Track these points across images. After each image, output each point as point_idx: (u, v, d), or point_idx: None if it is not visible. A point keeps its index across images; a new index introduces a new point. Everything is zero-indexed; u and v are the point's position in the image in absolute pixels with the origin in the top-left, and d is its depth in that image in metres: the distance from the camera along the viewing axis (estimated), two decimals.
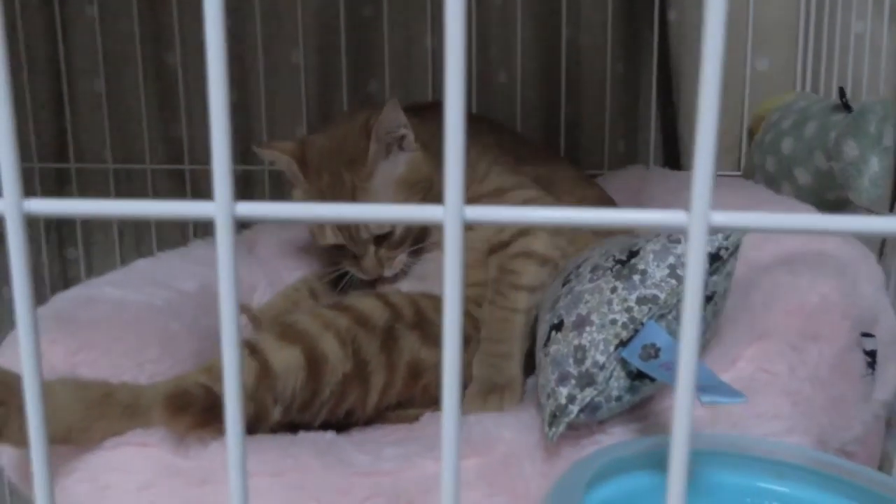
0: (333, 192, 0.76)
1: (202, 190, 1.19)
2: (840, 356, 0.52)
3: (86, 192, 1.20)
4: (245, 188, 1.20)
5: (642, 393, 0.50)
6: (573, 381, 0.49)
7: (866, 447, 0.56)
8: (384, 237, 0.78)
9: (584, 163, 1.11)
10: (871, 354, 0.54)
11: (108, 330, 0.64)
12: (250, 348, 0.60)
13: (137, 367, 0.62)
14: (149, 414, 0.54)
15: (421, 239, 0.80)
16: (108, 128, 1.16)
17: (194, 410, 0.53)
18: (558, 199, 0.83)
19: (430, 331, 0.68)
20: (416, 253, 0.81)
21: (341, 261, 0.82)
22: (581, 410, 0.48)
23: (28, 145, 1.16)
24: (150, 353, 0.63)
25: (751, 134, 1.00)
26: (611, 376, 0.48)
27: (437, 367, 0.66)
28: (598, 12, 1.10)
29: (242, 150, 1.17)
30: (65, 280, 1.23)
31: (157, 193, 1.19)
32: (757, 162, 0.90)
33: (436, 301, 0.72)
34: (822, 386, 0.51)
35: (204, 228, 1.15)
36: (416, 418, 0.65)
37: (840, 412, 0.51)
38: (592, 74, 1.12)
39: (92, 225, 1.22)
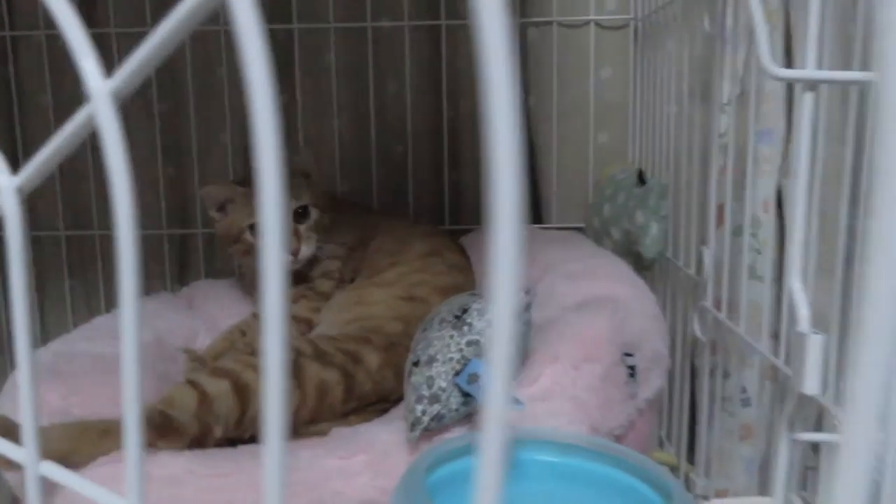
0: None
1: (145, 252, 1.38)
2: (607, 370, 0.77)
3: (37, 256, 1.38)
4: (181, 249, 1.40)
5: (471, 406, 0.74)
6: (426, 400, 0.72)
7: (635, 432, 0.81)
8: (303, 217, 1.07)
9: (465, 219, 1.36)
10: (632, 368, 0.80)
11: (91, 378, 0.85)
12: (191, 383, 0.80)
13: (116, 406, 0.83)
14: (118, 434, 0.75)
15: (326, 235, 1.10)
16: (60, 197, 1.34)
17: (152, 425, 0.73)
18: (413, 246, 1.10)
19: (327, 359, 0.87)
20: (322, 246, 1.10)
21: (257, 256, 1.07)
22: (431, 419, 0.72)
23: None
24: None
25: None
26: (450, 396, 0.72)
27: (338, 387, 0.87)
28: (472, 96, 1.35)
29: (180, 215, 1.38)
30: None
31: (105, 257, 1.38)
32: (588, 219, 1.17)
33: (326, 338, 0.93)
34: (595, 392, 0.76)
35: (146, 287, 1.34)
36: (326, 432, 0.87)
37: (608, 409, 0.76)
38: (471, 146, 1.37)
39: (45, 284, 1.40)
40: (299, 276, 1.14)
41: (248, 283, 1.20)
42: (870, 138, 0.71)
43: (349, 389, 0.88)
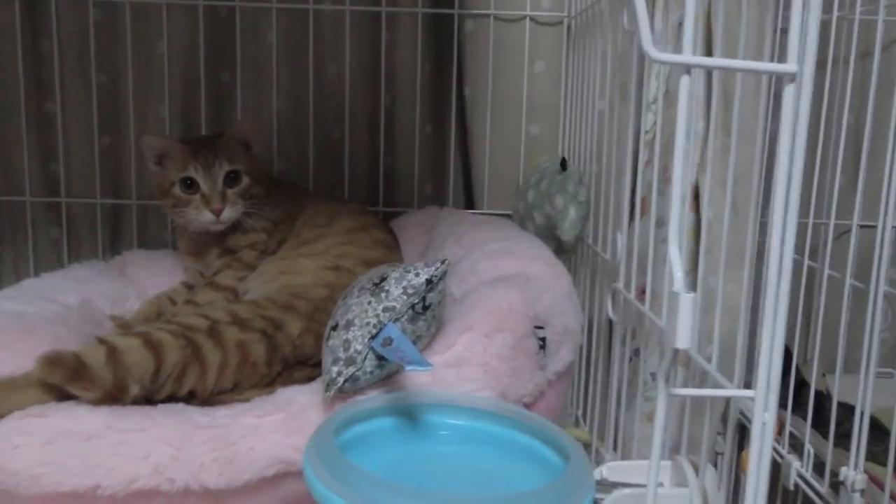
0: (203, 149, 1.11)
1: (76, 219, 1.38)
2: (518, 341, 0.81)
3: None
4: (115, 219, 1.40)
5: (386, 369, 0.77)
6: (342, 362, 0.75)
7: (545, 402, 0.86)
8: (234, 181, 1.11)
9: (398, 202, 1.39)
10: (542, 340, 0.84)
11: (12, 335, 0.86)
12: (100, 340, 0.80)
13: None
14: (27, 388, 0.76)
15: (255, 204, 1.14)
16: None
17: (65, 366, 0.74)
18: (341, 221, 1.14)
19: (246, 325, 0.88)
20: (250, 213, 1.13)
21: (184, 212, 1.11)
22: (345, 381, 0.75)
23: None
24: None
25: None
26: (365, 358, 0.76)
27: (260, 346, 0.88)
28: (410, 84, 1.39)
29: (114, 186, 1.38)
30: None
31: (36, 221, 1.37)
32: (515, 205, 1.22)
33: (247, 304, 0.95)
34: (505, 360, 0.80)
35: (76, 255, 1.34)
36: (249, 400, 0.89)
37: (517, 377, 0.81)
38: (406, 133, 1.39)
39: None
40: (226, 249, 1.16)
41: (184, 240, 1.21)
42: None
43: (271, 350, 0.90)
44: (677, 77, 0.95)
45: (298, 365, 0.95)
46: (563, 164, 1.08)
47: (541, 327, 0.85)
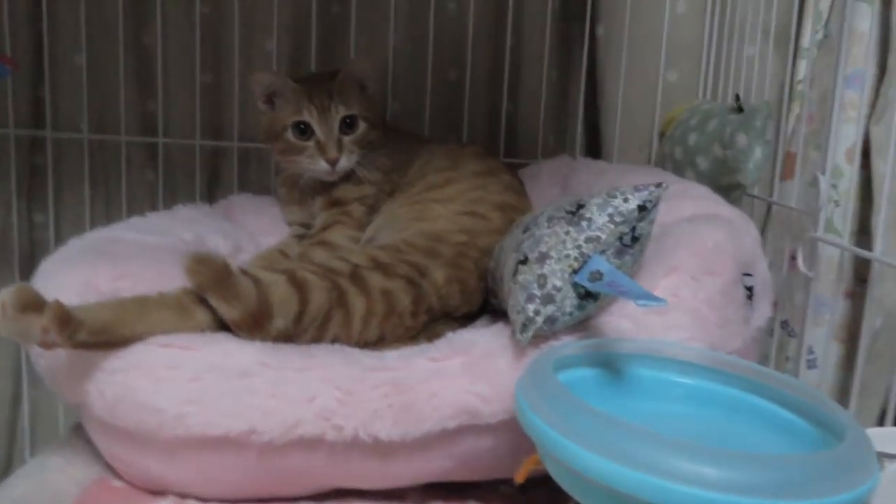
0: (318, 90, 1.01)
1: (173, 161, 1.29)
2: (727, 286, 0.69)
3: (59, 160, 1.28)
4: (213, 162, 1.31)
5: (587, 311, 0.66)
6: (538, 300, 0.64)
7: (746, 360, 0.74)
8: (350, 127, 1.01)
9: (520, 152, 1.28)
10: (750, 289, 0.73)
11: (139, 261, 0.76)
12: (243, 271, 0.70)
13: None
14: (160, 307, 0.66)
15: (370, 153, 1.04)
16: (87, 99, 1.24)
17: (212, 268, 0.65)
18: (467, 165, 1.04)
19: (389, 270, 0.79)
20: (363, 162, 1.04)
21: (296, 160, 1.02)
22: (544, 322, 0.64)
23: (5, 111, 1.22)
24: (176, 283, 0.75)
25: (661, 134, 1.20)
26: (565, 297, 0.64)
27: (405, 296, 0.78)
28: (538, 26, 1.27)
29: (214, 127, 1.29)
30: (30, 243, 1.30)
31: (131, 163, 1.28)
32: (667, 152, 1.09)
33: (387, 249, 0.84)
34: (714, 307, 0.68)
35: (172, 200, 1.25)
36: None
37: (727, 328, 0.69)
38: (531, 79, 1.29)
39: (63, 191, 1.30)
40: (333, 200, 1.06)
41: (285, 186, 1.11)
42: None
43: (417, 300, 0.80)
44: (840, 15, 0.82)
45: (443, 318, 0.84)
46: (738, 101, 0.96)
47: (749, 274, 0.73)
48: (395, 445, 0.63)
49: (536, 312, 0.64)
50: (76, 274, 0.71)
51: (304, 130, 1.01)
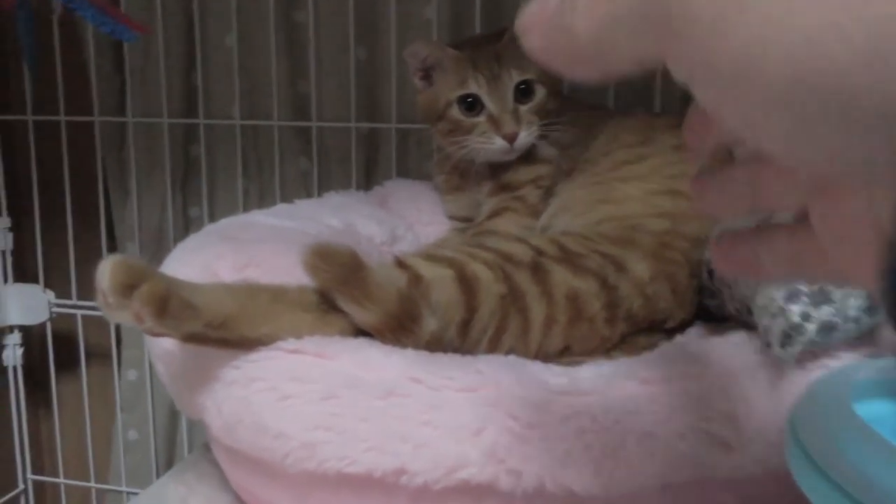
0: (483, 55, 0.85)
1: (327, 147, 1.18)
2: None
3: (212, 150, 1.22)
4: (370, 145, 1.19)
5: (875, 317, 0.45)
6: (805, 299, 0.44)
7: None
8: (526, 95, 0.84)
9: None
10: None
11: (270, 248, 0.63)
12: (398, 263, 0.57)
13: (298, 283, 0.60)
14: (293, 302, 0.54)
15: (549, 124, 0.86)
16: (238, 82, 1.16)
17: (337, 262, 0.51)
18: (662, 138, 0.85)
19: (578, 262, 0.62)
20: (540, 138, 0.86)
21: (465, 140, 0.86)
22: (818, 331, 0.43)
23: (159, 100, 1.17)
24: None
25: None
26: (849, 294, 0.43)
27: (596, 301, 0.62)
28: None
29: (369, 107, 1.17)
30: (187, 236, 1.25)
31: (284, 150, 1.19)
32: None
33: (575, 236, 0.67)
34: None
35: (327, 189, 1.13)
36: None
37: None
38: None
39: (216, 183, 1.23)
40: (502, 185, 0.89)
41: (444, 173, 0.96)
42: None
43: (612, 306, 0.61)
44: None
45: (647, 329, 0.65)
46: None
47: None
48: (595, 501, 0.45)
49: (805, 317, 0.43)
50: (195, 261, 0.59)
51: (472, 105, 0.85)
